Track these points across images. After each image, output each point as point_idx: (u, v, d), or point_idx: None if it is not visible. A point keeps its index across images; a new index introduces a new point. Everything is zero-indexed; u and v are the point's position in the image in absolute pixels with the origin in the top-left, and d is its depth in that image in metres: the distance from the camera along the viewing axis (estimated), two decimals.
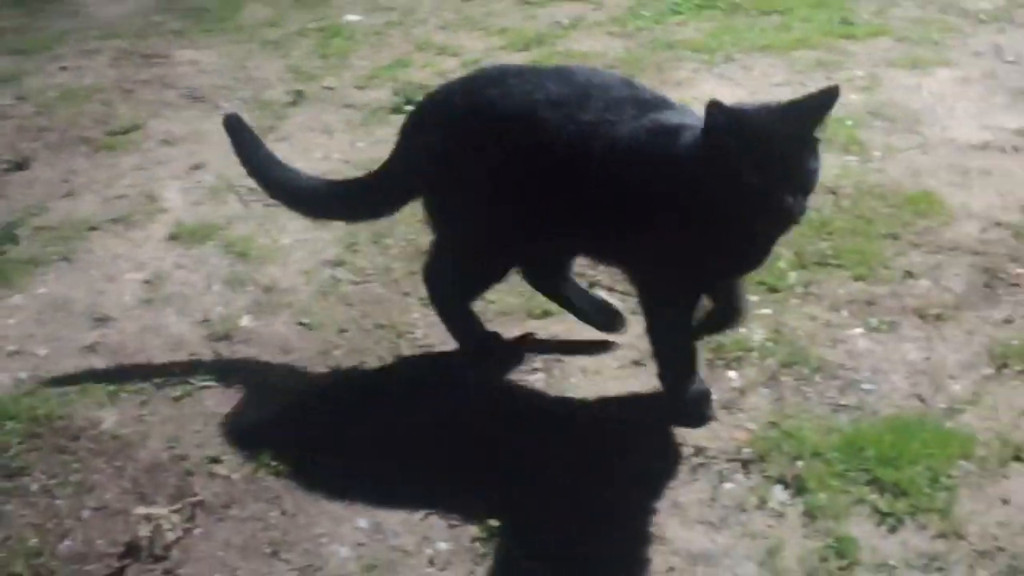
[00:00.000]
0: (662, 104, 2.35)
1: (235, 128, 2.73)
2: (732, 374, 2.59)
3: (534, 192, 2.34)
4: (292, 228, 3.24)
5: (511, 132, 2.33)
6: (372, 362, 2.67)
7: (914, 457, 2.27)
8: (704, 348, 2.62)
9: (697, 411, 2.44)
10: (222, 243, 3.19)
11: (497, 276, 2.62)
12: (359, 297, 2.92)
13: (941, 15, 4.82)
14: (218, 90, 4.33)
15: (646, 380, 2.52)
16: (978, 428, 2.37)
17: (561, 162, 2.29)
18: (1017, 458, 2.29)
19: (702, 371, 2.49)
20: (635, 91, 2.38)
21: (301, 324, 2.82)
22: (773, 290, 2.85)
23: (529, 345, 2.71)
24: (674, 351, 2.45)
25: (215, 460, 2.38)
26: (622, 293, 2.79)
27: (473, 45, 4.72)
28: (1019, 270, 2.91)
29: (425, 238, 3.13)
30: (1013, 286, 2.86)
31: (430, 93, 2.63)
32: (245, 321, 2.84)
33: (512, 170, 2.34)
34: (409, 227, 3.20)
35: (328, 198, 2.74)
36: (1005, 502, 2.19)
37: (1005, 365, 2.56)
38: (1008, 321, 2.72)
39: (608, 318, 2.69)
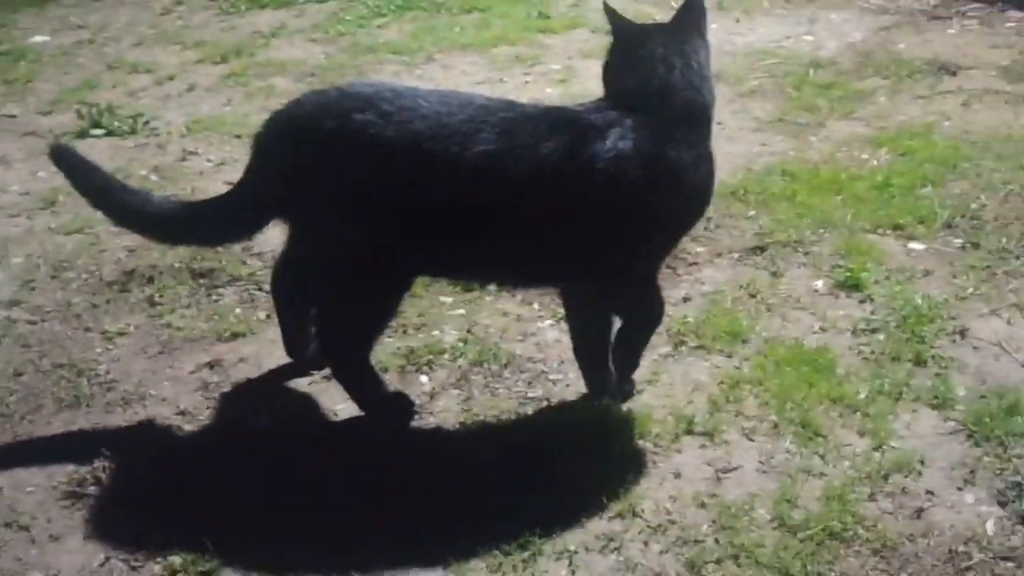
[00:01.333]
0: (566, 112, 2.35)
1: (64, 157, 2.54)
2: (423, 378, 2.63)
3: (428, 217, 2.25)
4: None
5: (397, 161, 2.23)
6: (49, 406, 2.57)
7: (592, 443, 2.37)
8: (396, 355, 2.68)
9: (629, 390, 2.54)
10: None
11: (393, 304, 2.45)
12: (37, 337, 2.81)
13: (635, 5, 5.04)
14: None
15: (336, 394, 2.54)
16: (655, 406, 2.50)
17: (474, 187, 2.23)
18: (688, 431, 2.42)
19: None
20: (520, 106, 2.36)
21: None
22: (468, 290, 2.91)
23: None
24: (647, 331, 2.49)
25: None
26: None
27: (168, 60, 4.63)
28: (699, 249, 3.09)
29: (106, 268, 3.09)
30: (692, 265, 3.03)
31: (286, 110, 2.41)
32: None
33: (391, 197, 2.24)
34: (91, 258, 3.12)
35: (182, 221, 2.55)
36: (676, 476, 2.31)
37: (682, 342, 2.71)
38: (686, 299, 2.89)
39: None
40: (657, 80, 2.30)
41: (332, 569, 2.10)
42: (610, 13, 2.41)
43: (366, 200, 2.26)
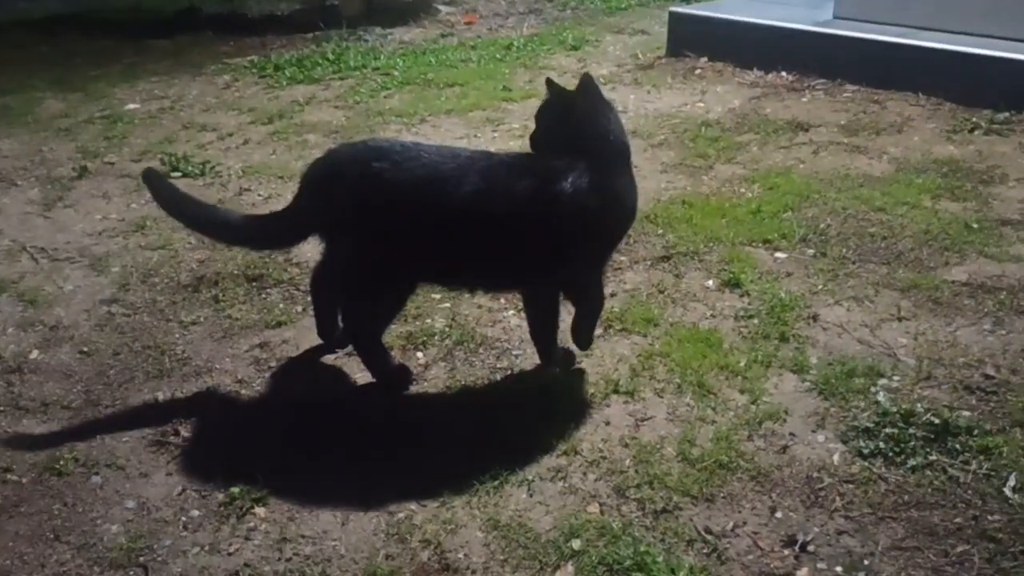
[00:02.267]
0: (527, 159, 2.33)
1: (152, 180, 2.50)
2: (420, 354, 2.60)
3: (429, 240, 2.21)
4: (74, 276, 3.03)
5: (405, 198, 2.18)
6: (140, 376, 2.53)
7: (544, 400, 2.36)
8: (400, 337, 2.65)
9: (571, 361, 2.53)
10: (15, 294, 2.94)
11: (400, 302, 2.43)
12: (130, 326, 2.76)
13: (574, 81, 5.02)
14: (16, 170, 3.99)
15: (355, 366, 2.51)
16: (590, 373, 2.48)
17: (464, 218, 2.18)
18: (615, 391, 2.41)
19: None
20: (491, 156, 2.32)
21: (82, 352, 2.63)
22: (452, 289, 2.88)
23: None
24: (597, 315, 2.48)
25: (7, 470, 2.19)
26: None
27: (228, 122, 4.56)
28: (622, 258, 3.06)
29: (183, 275, 3.04)
30: (617, 270, 3.00)
31: (324, 158, 2.37)
32: (34, 355, 2.63)
33: (400, 225, 2.20)
34: (171, 267, 3.07)
35: (242, 229, 2.50)
36: (607, 424, 2.30)
37: (610, 326, 2.69)
38: (613, 295, 2.86)
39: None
40: (597, 132, 2.28)
41: (350, 498, 2.08)
42: (550, 84, 2.40)
43: (382, 226, 2.23)
